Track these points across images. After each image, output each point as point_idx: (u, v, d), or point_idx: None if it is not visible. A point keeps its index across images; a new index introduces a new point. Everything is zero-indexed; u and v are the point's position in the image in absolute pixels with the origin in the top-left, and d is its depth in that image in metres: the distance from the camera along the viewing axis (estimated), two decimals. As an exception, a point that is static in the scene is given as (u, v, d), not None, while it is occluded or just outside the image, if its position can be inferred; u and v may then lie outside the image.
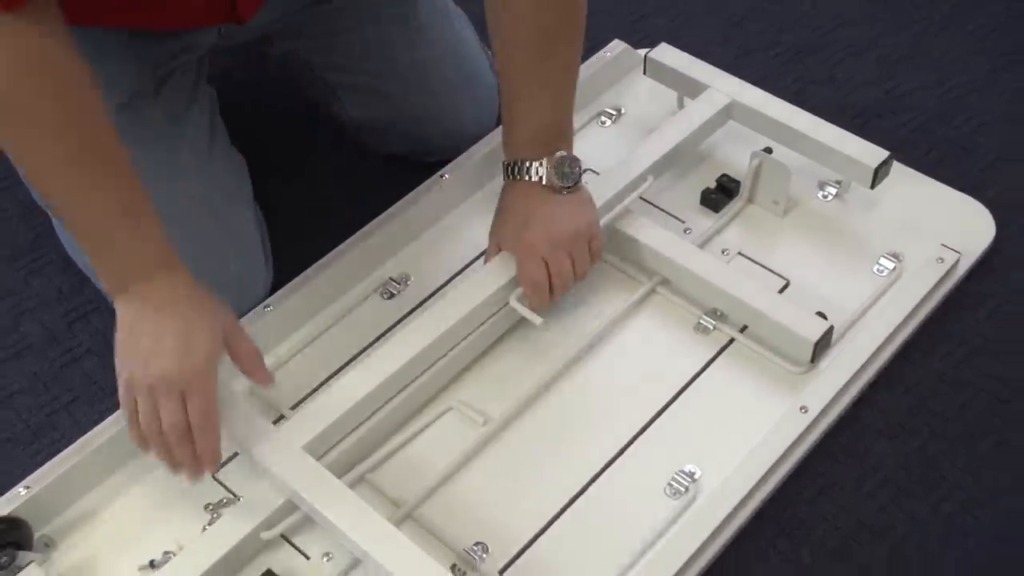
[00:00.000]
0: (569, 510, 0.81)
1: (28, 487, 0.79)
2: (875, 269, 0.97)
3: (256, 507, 0.76)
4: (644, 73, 1.10)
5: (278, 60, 1.08)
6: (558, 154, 0.84)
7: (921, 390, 0.91)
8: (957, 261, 0.95)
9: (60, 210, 0.73)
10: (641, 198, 0.97)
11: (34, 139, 0.65)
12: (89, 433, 0.84)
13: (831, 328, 0.86)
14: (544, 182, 0.84)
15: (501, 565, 0.77)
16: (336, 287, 0.95)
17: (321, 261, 0.96)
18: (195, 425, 0.69)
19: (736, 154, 1.06)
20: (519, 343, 0.93)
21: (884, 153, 0.96)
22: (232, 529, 0.75)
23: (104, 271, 0.73)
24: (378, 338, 0.92)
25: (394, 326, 0.93)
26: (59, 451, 0.84)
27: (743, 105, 1.02)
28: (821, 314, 0.89)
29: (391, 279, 0.97)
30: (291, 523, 0.77)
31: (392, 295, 0.96)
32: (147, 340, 0.69)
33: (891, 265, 0.96)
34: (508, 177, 0.87)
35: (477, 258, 0.98)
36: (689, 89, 1.06)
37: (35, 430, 0.92)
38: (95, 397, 0.94)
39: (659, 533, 0.78)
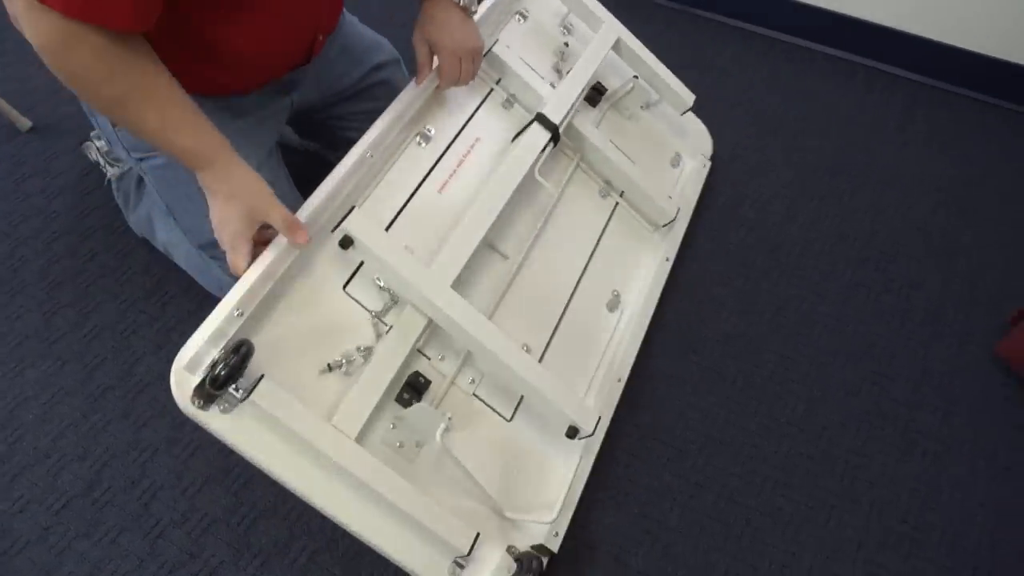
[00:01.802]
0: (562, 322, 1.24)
1: (240, 312, 0.92)
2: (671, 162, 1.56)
3: (408, 329, 1.04)
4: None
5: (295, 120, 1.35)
6: None
7: (715, 235, 1.50)
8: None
9: (150, 137, 0.92)
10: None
11: (130, 94, 0.88)
12: (271, 259, 0.97)
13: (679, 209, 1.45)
14: (461, 3, 1.15)
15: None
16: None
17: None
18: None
19: (605, 72, 1.46)
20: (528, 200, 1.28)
21: (692, 97, 1.50)
22: (397, 345, 1.02)
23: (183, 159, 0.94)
24: (427, 176, 1.19)
25: (435, 165, 1.20)
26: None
27: (624, 44, 1.44)
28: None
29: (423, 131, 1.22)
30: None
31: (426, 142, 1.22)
32: (211, 214, 0.96)
33: (677, 163, 1.57)
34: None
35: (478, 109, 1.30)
36: (580, 12, 1.44)
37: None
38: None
39: (611, 334, 1.29)
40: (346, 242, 1.01)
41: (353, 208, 1.02)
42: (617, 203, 1.40)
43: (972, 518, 1.18)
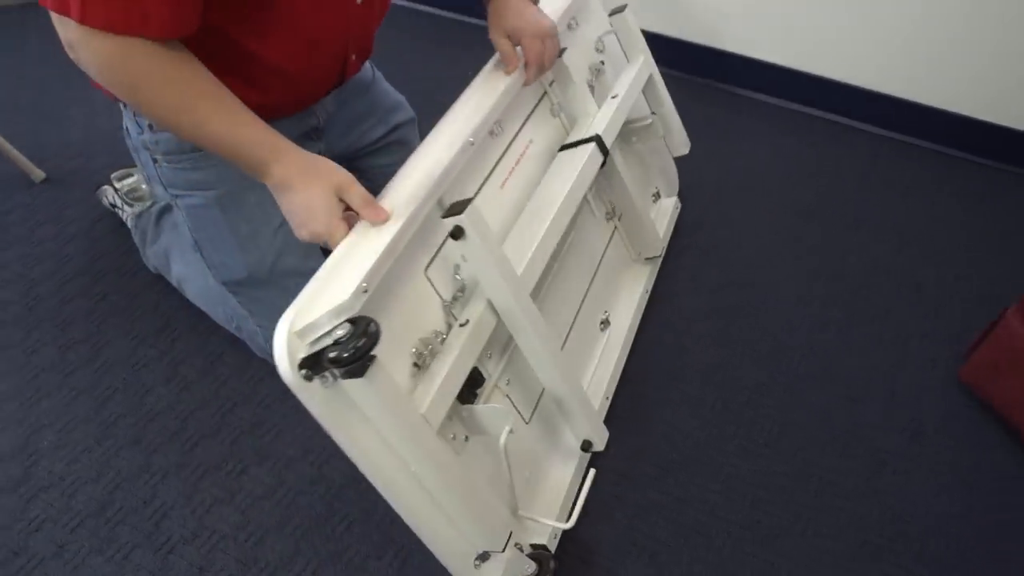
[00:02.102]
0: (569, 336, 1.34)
1: (366, 288, 0.90)
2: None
3: (483, 327, 1.07)
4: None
5: None
6: None
7: (691, 272, 1.52)
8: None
9: (216, 136, 0.97)
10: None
11: (192, 96, 0.95)
12: (387, 245, 0.95)
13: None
14: None
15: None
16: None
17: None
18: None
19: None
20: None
21: (689, 144, 1.67)
22: (473, 342, 1.05)
23: (249, 163, 0.99)
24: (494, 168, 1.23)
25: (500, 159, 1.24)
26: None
27: (653, 80, 1.56)
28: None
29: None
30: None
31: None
32: (288, 211, 0.99)
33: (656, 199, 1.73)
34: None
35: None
36: (625, 38, 1.56)
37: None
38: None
39: (601, 352, 1.40)
40: (457, 233, 1.00)
41: (470, 201, 1.01)
42: (615, 228, 1.50)
43: (942, 528, 1.26)
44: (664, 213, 1.69)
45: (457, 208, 1.00)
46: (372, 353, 0.84)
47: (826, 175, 1.90)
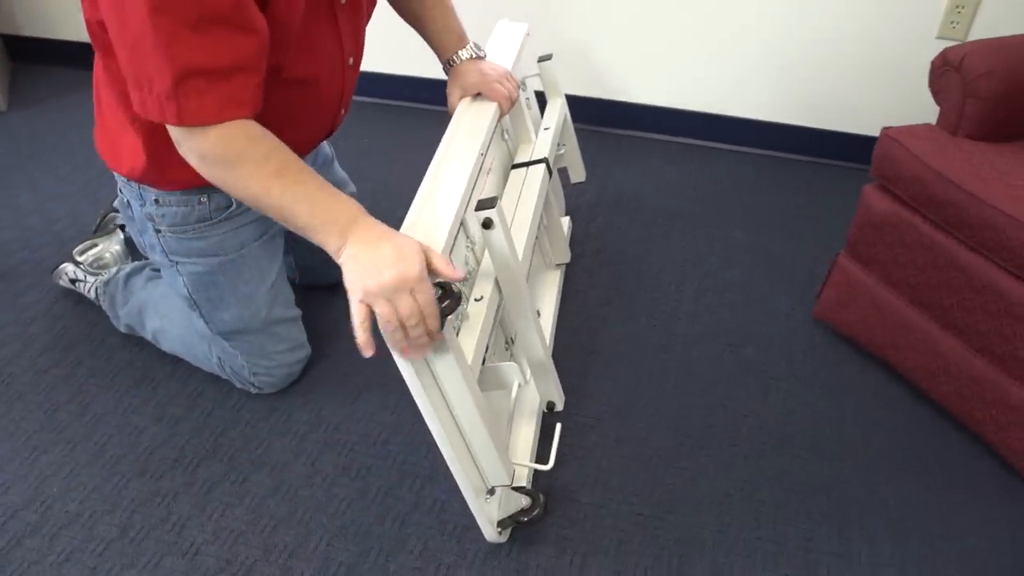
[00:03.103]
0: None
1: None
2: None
3: (494, 300, 1.33)
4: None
5: None
6: (471, 43, 1.52)
7: (589, 273, 1.45)
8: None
9: (290, 210, 1.07)
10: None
11: (265, 176, 1.07)
12: (450, 225, 1.14)
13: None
14: (473, 56, 1.51)
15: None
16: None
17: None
18: (425, 311, 0.99)
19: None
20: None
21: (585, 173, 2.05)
22: (491, 311, 1.30)
23: (326, 235, 1.06)
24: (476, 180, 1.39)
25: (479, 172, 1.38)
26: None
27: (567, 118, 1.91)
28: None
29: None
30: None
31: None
32: (372, 261, 0.99)
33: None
34: (450, 65, 1.52)
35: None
36: (546, 80, 1.90)
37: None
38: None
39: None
40: (488, 223, 1.22)
41: (496, 198, 1.22)
42: (538, 238, 1.79)
43: (821, 423, 1.58)
44: (563, 228, 2.00)
45: (486, 204, 1.22)
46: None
47: (687, 186, 2.29)
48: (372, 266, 0.99)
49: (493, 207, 1.22)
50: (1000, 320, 1.39)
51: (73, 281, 1.76)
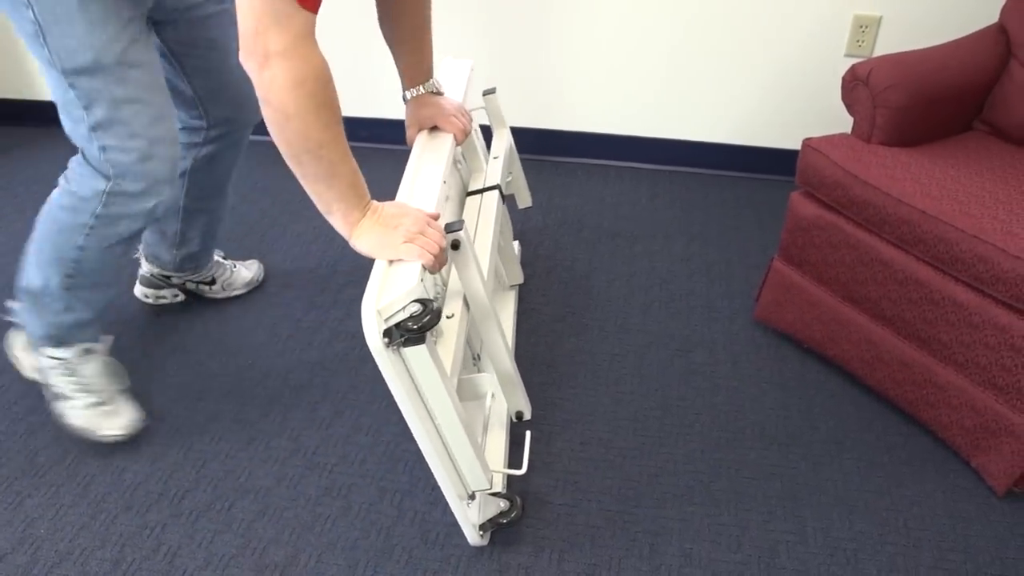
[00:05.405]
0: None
1: (422, 279, 1.17)
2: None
3: (464, 318, 1.42)
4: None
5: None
6: (434, 78, 1.65)
7: (541, 291, 1.54)
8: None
9: (328, 173, 1.22)
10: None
11: (331, 124, 1.18)
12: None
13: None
14: (433, 92, 1.64)
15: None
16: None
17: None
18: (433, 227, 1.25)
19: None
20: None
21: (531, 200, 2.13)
22: (461, 327, 1.40)
23: (345, 207, 1.25)
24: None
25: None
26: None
27: (512, 148, 1.97)
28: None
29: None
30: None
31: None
32: (392, 223, 1.24)
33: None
34: (410, 95, 1.62)
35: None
36: (492, 113, 1.96)
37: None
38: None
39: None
40: (456, 244, 1.33)
41: (462, 221, 1.33)
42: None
43: (769, 415, 1.70)
44: (515, 250, 2.11)
45: (455, 227, 1.33)
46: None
47: (626, 205, 2.42)
48: (394, 224, 1.24)
49: (460, 229, 1.31)
50: (922, 307, 1.54)
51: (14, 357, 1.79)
